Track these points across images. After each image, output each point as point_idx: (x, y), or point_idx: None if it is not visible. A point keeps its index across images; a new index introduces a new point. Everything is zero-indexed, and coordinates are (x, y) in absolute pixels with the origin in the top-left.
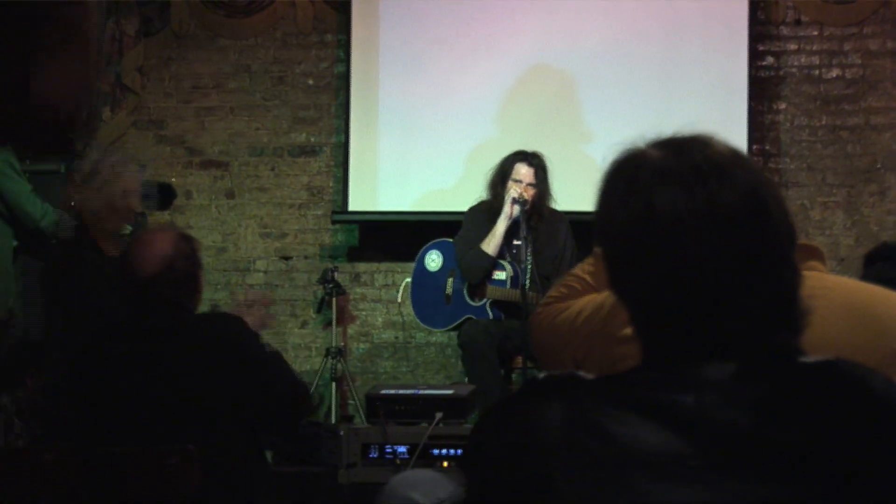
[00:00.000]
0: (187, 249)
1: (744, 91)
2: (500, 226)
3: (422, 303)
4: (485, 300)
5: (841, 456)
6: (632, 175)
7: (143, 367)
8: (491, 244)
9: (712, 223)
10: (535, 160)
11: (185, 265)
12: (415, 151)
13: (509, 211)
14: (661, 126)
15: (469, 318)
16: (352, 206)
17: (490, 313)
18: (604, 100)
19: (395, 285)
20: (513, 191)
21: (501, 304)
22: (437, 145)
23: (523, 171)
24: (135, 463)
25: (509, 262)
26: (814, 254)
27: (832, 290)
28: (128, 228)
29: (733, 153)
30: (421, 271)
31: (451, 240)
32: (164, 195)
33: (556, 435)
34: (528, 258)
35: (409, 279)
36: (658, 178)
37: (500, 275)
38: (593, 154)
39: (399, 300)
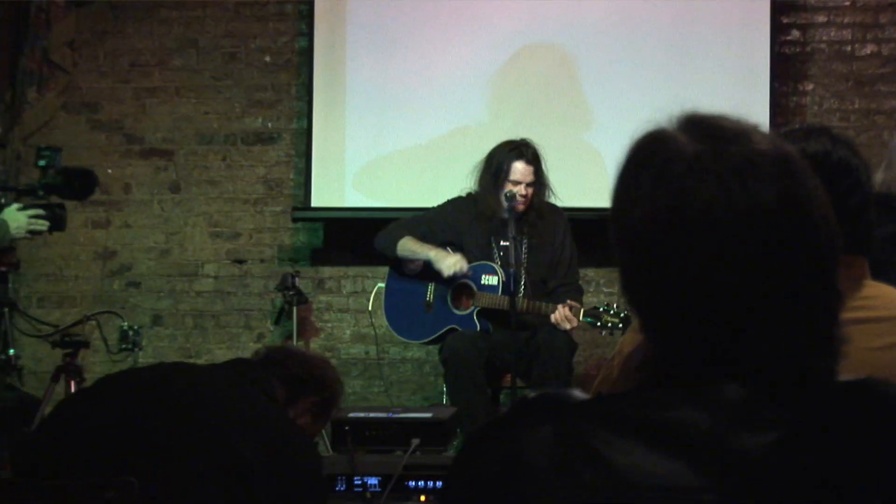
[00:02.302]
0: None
1: (765, 70)
2: (432, 256)
3: (397, 312)
4: (471, 309)
5: (876, 487)
6: (662, 165)
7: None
8: (410, 250)
9: (749, 228)
10: (529, 152)
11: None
12: (389, 139)
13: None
14: (670, 111)
15: (452, 330)
16: (315, 202)
17: (477, 324)
18: (606, 80)
19: (366, 292)
20: (506, 193)
21: (490, 314)
22: (414, 132)
23: (521, 170)
24: (70, 494)
25: (500, 266)
26: (860, 272)
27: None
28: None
29: (778, 150)
30: (396, 276)
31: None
32: (83, 182)
33: (546, 462)
34: (524, 260)
35: (381, 284)
36: (693, 172)
37: (489, 279)
38: (594, 143)
39: (370, 309)
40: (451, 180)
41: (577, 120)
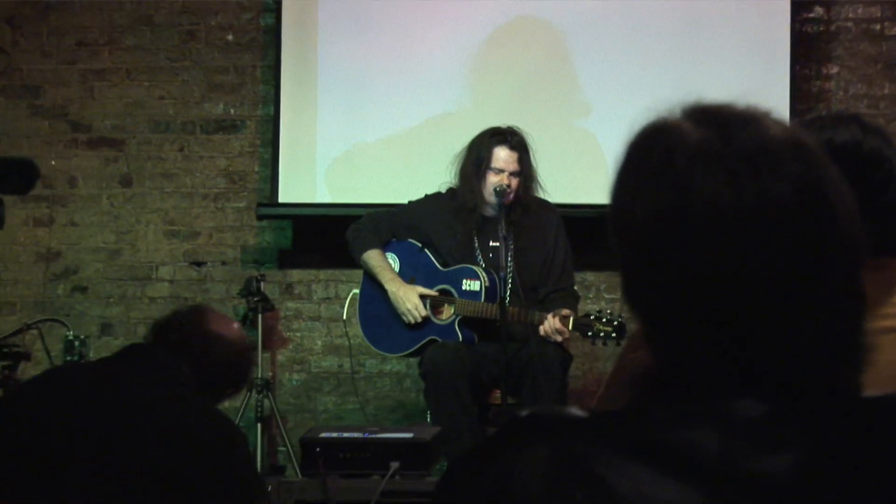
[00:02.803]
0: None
1: (785, 50)
2: (390, 290)
3: (373, 321)
4: (452, 317)
5: None
6: (664, 156)
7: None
8: (372, 269)
9: (761, 224)
10: (514, 139)
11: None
12: (365, 128)
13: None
14: (678, 97)
15: (433, 341)
16: (283, 198)
17: (459, 334)
18: (605, 61)
19: (339, 298)
20: (495, 186)
21: (474, 323)
22: (394, 120)
23: (503, 157)
24: None
25: (484, 270)
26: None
27: None
28: None
29: (793, 137)
30: (373, 281)
31: (412, 240)
32: (22, 175)
33: (539, 488)
34: (510, 264)
35: (356, 290)
36: (699, 162)
37: (471, 284)
38: (592, 132)
39: (344, 317)
40: (433, 173)
41: (571, 106)
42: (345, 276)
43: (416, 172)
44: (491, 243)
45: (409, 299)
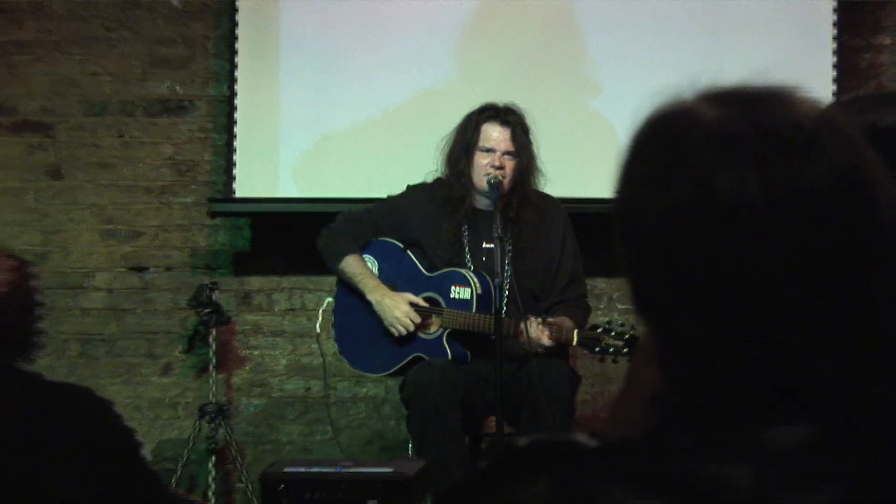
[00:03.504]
0: (23, 282)
1: (828, 19)
2: (373, 300)
3: (350, 335)
4: (439, 331)
5: None
6: (677, 143)
7: None
8: (351, 278)
9: (794, 219)
10: (510, 117)
11: (20, 304)
12: (336, 109)
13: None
14: (704, 73)
15: (418, 359)
16: (239, 192)
17: (448, 350)
18: (618, 32)
19: (306, 310)
20: (488, 176)
21: (466, 338)
22: (368, 100)
23: (495, 135)
24: None
25: (475, 274)
26: None
27: None
28: None
29: (827, 118)
30: (349, 290)
31: (393, 240)
32: None
33: None
34: (507, 269)
35: (330, 299)
36: (717, 149)
37: (460, 292)
38: (603, 114)
39: (317, 330)
40: (417, 162)
41: (579, 84)
42: (312, 283)
43: (397, 161)
44: (484, 244)
45: (399, 307)
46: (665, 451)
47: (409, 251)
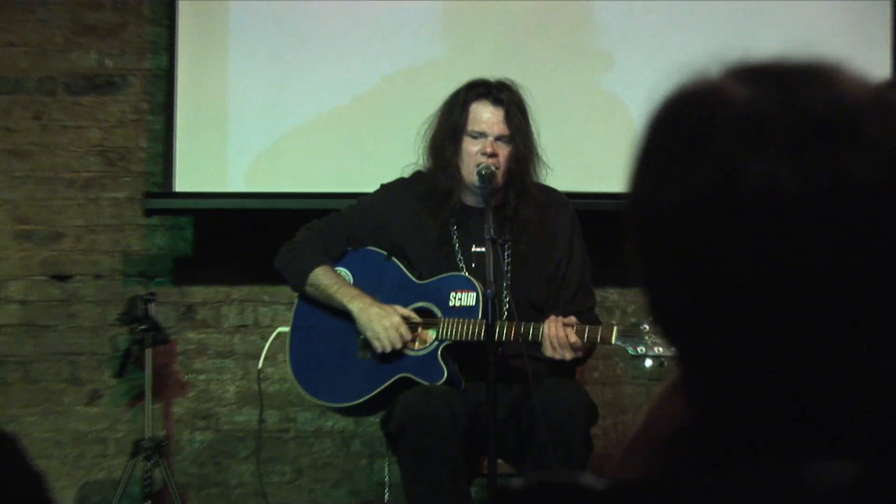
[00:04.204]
0: None
1: None
2: (354, 310)
3: (311, 358)
4: (432, 344)
5: None
6: (700, 128)
7: None
8: (324, 291)
9: (834, 216)
10: (504, 94)
11: None
12: (297, 88)
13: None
14: (734, 44)
15: (404, 382)
16: (180, 185)
17: (444, 368)
18: None
19: (260, 326)
20: (479, 165)
21: (462, 354)
22: (337, 78)
23: (486, 116)
24: None
25: (474, 281)
26: None
27: None
28: None
29: (877, 98)
30: (309, 308)
31: (374, 248)
32: None
33: None
34: (506, 276)
35: (283, 329)
36: (747, 134)
37: (462, 298)
38: (615, 91)
39: (264, 355)
40: (391, 153)
41: (587, 57)
42: (268, 294)
43: (370, 152)
44: (475, 248)
45: (388, 317)
46: (685, 493)
47: (394, 259)
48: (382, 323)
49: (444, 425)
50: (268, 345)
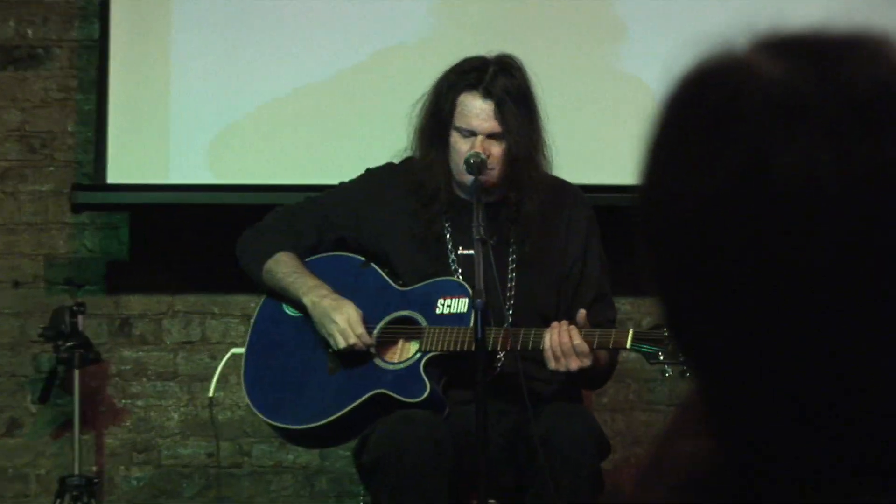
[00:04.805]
0: None
1: None
2: (308, 302)
3: (270, 376)
4: (415, 355)
5: None
6: (725, 109)
7: None
8: (279, 281)
9: (877, 209)
10: (496, 84)
11: None
12: (253, 60)
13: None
14: (765, 12)
15: (381, 399)
16: (113, 177)
17: (426, 382)
18: None
19: (209, 343)
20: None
21: (454, 372)
22: (310, 53)
23: (475, 112)
24: None
25: (466, 286)
26: None
27: None
28: None
29: None
30: (272, 315)
31: (349, 254)
32: None
33: None
34: (510, 283)
35: (237, 350)
36: (779, 117)
37: (451, 304)
38: (629, 68)
39: (211, 393)
40: (369, 138)
41: (597, 27)
42: (217, 305)
43: (342, 138)
44: (461, 250)
45: (342, 309)
46: None
47: (374, 264)
48: (333, 317)
49: (428, 457)
50: (220, 368)
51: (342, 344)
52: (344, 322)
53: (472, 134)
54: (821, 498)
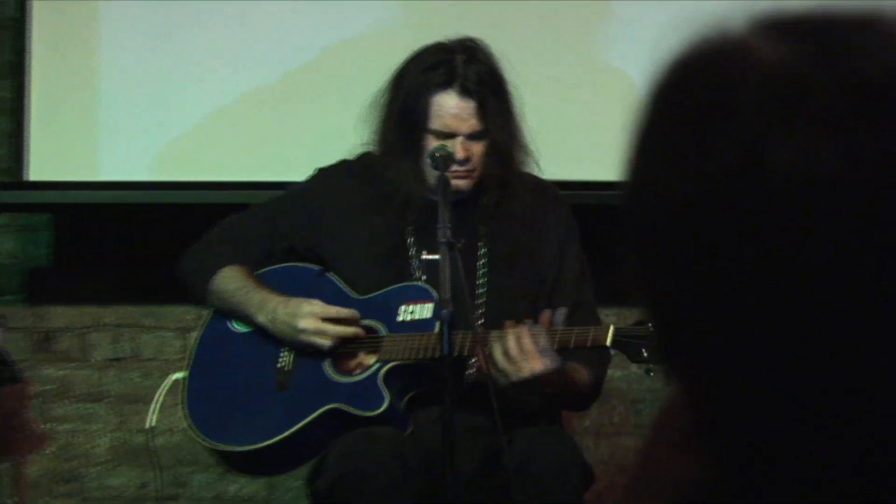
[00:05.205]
0: None
1: None
2: (268, 308)
3: (214, 395)
4: (374, 366)
5: None
6: (719, 96)
7: None
8: (228, 297)
9: (884, 204)
10: (470, 78)
11: None
12: (193, 44)
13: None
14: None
15: (336, 414)
16: (35, 174)
17: (385, 395)
18: None
19: (141, 360)
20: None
21: (419, 386)
22: (256, 40)
23: (453, 111)
24: None
25: (431, 289)
26: None
27: None
28: None
29: None
30: (218, 332)
31: (303, 264)
32: None
33: None
34: (480, 288)
35: (178, 375)
36: (778, 104)
37: (415, 311)
38: (613, 53)
39: (152, 423)
40: (329, 132)
41: (574, 8)
42: (152, 316)
43: (300, 130)
44: (425, 255)
45: (300, 307)
46: None
47: (330, 274)
48: (298, 324)
49: (392, 481)
50: (160, 395)
51: (329, 343)
52: (312, 322)
53: (450, 136)
54: (821, 498)
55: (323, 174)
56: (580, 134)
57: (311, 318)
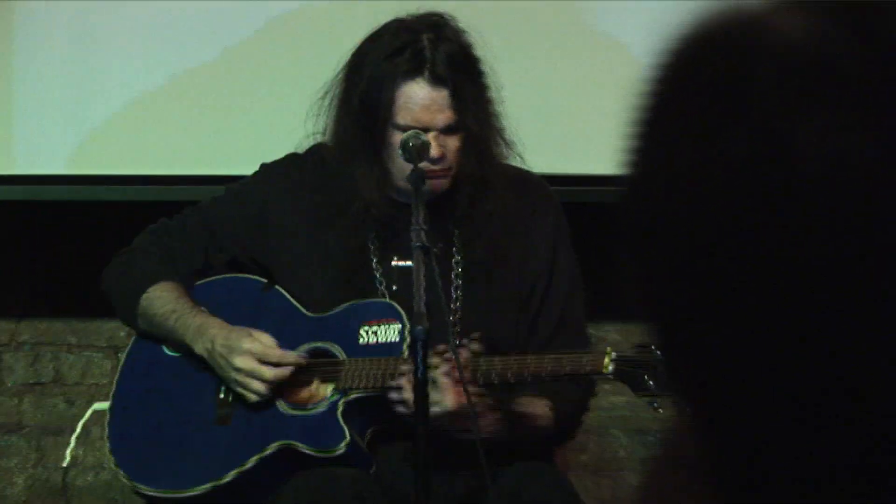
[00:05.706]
0: None
1: None
2: (206, 337)
3: (143, 431)
4: (334, 397)
5: None
6: (733, 77)
7: None
8: (156, 320)
9: None
10: (439, 54)
11: None
12: (121, 21)
13: None
14: None
15: (287, 453)
16: None
17: (345, 431)
18: None
19: (65, 384)
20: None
21: (384, 418)
22: (171, 7)
23: (424, 103)
24: None
25: (397, 307)
26: None
27: None
28: None
29: None
30: (145, 355)
31: (247, 276)
32: None
33: None
34: (455, 302)
35: (100, 405)
36: (800, 85)
37: (379, 331)
38: (610, 31)
39: (66, 462)
40: (274, 119)
41: None
42: (76, 334)
43: (241, 116)
44: (397, 261)
45: (239, 350)
46: None
47: (277, 286)
48: (233, 363)
49: None
50: (79, 428)
51: (263, 390)
52: (248, 362)
53: (422, 131)
54: (821, 498)
55: (268, 170)
56: (571, 122)
57: (248, 357)
